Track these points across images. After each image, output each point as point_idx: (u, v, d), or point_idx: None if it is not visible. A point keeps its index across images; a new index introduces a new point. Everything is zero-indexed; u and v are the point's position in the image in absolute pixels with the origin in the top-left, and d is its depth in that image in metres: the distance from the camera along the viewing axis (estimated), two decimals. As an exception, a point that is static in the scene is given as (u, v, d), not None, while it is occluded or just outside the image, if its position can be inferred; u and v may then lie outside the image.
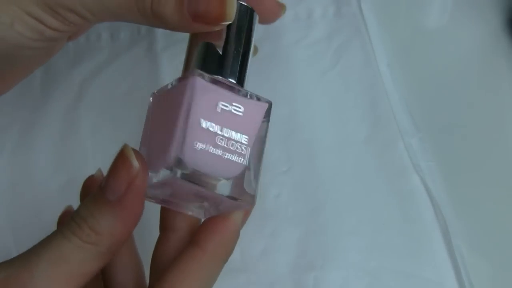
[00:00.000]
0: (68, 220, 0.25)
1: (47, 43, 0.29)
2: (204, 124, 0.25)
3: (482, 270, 0.35)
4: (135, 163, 0.24)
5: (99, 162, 0.28)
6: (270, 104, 0.27)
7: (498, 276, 0.36)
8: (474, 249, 0.36)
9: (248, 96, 0.27)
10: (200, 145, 0.25)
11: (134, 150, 0.25)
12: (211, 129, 0.25)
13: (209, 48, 0.27)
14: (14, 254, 0.25)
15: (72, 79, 0.42)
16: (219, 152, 0.25)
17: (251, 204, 0.26)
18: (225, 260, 0.27)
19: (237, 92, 0.26)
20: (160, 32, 0.43)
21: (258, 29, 0.28)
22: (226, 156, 0.25)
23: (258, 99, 0.27)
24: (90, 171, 0.32)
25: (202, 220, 0.28)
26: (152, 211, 0.29)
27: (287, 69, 0.42)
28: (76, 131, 0.40)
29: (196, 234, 0.27)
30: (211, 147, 0.25)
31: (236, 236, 0.27)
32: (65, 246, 0.24)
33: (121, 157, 0.25)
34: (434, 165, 0.38)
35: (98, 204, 0.25)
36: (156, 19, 0.27)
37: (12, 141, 0.40)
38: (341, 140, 0.39)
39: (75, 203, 0.29)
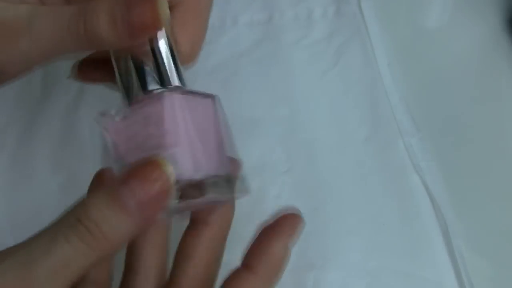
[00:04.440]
0: (72, 220, 0.22)
1: None
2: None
3: (482, 270, 0.35)
4: (172, 176, 0.22)
5: (99, 162, 0.27)
6: (213, 98, 0.27)
7: (498, 276, 0.35)
8: (474, 249, 0.36)
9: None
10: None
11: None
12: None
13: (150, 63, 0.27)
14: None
15: (72, 79, 0.42)
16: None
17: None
18: (275, 283, 0.27)
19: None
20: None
21: (258, 30, 0.27)
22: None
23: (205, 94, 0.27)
24: (90, 171, 0.31)
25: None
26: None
27: (287, 69, 0.42)
28: (76, 131, 0.40)
29: (246, 257, 0.27)
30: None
31: (287, 256, 0.27)
32: (69, 254, 0.22)
33: (154, 162, 0.22)
34: (434, 165, 0.38)
35: (113, 208, 0.22)
36: (91, 40, 0.25)
37: (12, 141, 0.40)
38: (341, 140, 0.39)
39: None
